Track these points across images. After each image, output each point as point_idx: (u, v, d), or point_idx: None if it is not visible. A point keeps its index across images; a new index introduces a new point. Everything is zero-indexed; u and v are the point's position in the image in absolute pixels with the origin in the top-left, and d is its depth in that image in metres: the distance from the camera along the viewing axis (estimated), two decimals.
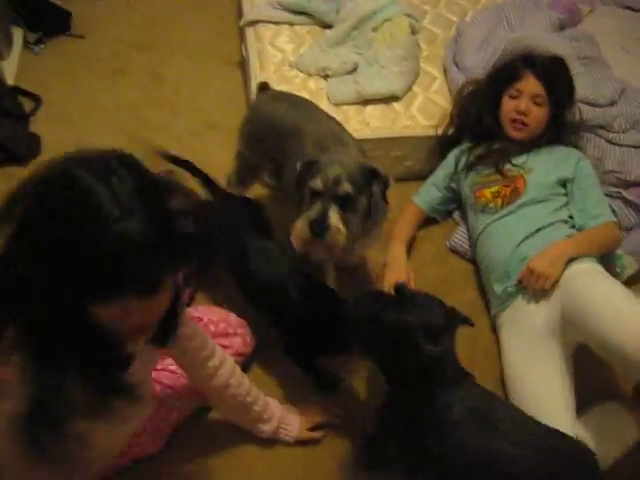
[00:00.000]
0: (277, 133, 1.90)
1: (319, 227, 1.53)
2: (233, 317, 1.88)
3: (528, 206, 2.04)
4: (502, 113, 2.17)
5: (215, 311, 1.88)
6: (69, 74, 2.84)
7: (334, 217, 1.54)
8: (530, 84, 2.11)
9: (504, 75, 2.20)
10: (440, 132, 2.34)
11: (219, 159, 2.48)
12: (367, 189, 1.64)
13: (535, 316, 1.87)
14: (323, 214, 1.54)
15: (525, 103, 2.10)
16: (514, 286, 1.93)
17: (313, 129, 1.82)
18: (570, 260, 1.87)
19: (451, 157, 2.29)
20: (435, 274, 2.21)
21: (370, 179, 1.64)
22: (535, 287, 1.85)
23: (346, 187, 1.56)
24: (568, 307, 1.78)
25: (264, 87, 2.12)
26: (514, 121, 2.13)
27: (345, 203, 1.57)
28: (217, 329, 1.80)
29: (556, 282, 1.84)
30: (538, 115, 2.12)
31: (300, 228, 1.57)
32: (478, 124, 2.23)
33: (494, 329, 2.05)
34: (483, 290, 2.14)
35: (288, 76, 2.51)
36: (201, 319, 1.80)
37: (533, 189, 2.05)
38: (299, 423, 1.75)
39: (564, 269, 1.86)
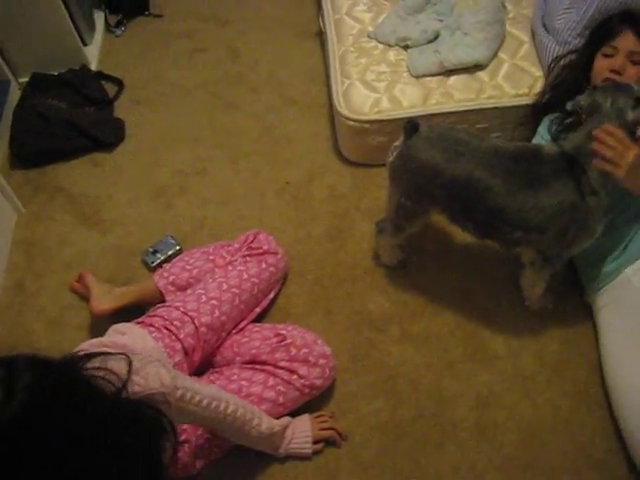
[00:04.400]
0: None
1: None
2: (319, 345, 1.74)
3: None
4: (594, 74, 1.95)
5: (302, 334, 1.76)
6: (149, 55, 2.88)
7: None
8: (627, 40, 1.89)
9: (598, 34, 2.01)
10: (533, 101, 2.18)
11: (299, 135, 2.46)
12: None
13: None
14: None
15: (620, 60, 1.89)
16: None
17: None
18: None
19: (542, 128, 2.14)
20: None
21: None
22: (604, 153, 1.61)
23: None
24: None
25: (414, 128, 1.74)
26: (607, 80, 1.94)
27: None
28: (298, 353, 1.70)
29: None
30: (634, 75, 1.91)
31: None
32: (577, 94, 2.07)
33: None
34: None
35: (367, 48, 2.42)
36: (284, 339, 1.73)
37: None
38: (310, 426, 1.69)
39: None
